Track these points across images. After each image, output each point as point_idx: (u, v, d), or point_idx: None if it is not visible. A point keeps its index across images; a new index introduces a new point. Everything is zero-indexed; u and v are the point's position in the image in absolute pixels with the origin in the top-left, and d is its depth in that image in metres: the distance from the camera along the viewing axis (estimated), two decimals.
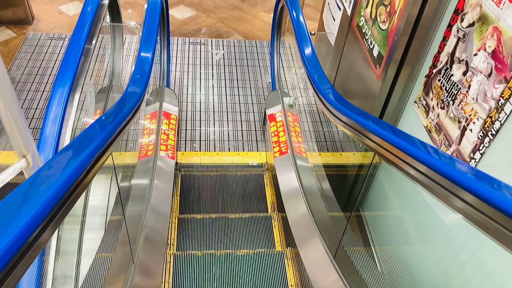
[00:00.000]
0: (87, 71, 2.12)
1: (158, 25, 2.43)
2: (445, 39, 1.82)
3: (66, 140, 1.83)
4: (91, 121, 2.57)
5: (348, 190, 2.75)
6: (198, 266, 2.21)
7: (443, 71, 1.83)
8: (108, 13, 3.02)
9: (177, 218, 2.59)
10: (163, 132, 2.83)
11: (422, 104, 2.01)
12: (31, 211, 0.80)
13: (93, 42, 2.28)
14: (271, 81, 3.64)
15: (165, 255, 2.10)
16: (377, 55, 2.15)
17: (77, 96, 1.99)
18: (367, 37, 2.29)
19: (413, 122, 2.12)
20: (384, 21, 2.07)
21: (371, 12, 2.24)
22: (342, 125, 1.85)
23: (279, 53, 3.45)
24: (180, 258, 2.24)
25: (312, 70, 2.14)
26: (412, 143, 1.40)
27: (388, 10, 2.03)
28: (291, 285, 2.18)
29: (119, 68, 3.22)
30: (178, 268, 2.19)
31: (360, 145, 2.06)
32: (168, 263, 2.20)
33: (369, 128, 1.59)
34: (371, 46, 2.23)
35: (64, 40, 4.05)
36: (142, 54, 2.07)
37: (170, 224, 2.47)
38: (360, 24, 2.40)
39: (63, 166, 0.99)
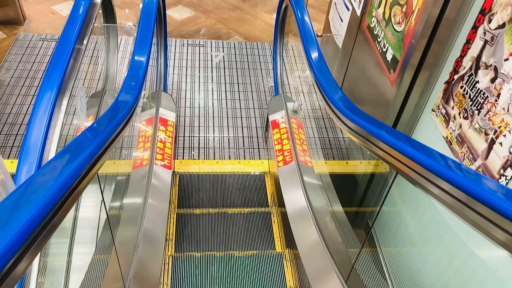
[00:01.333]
0: (76, 74, 1.96)
1: (154, 27, 2.27)
2: (469, 42, 1.65)
3: (52, 149, 1.66)
4: (82, 128, 2.39)
5: (356, 203, 2.58)
6: (195, 267, 2.15)
7: (466, 77, 1.66)
8: (102, 13, 2.87)
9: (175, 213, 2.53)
10: (159, 140, 2.66)
11: (441, 113, 1.84)
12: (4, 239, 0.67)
13: (84, 43, 2.12)
14: (273, 85, 3.47)
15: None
16: (391, 59, 1.99)
17: (65, 101, 1.82)
18: (379, 40, 2.13)
19: (431, 132, 1.95)
20: (399, 22, 1.91)
21: (384, 13, 2.07)
22: (355, 136, 1.69)
23: (282, 56, 3.29)
24: (178, 259, 2.17)
25: (321, 75, 1.97)
26: (436, 159, 1.26)
27: (404, 10, 1.86)
28: (290, 287, 2.14)
29: (114, 72, 3.05)
30: (176, 269, 2.12)
31: (368, 153, 1.91)
32: (167, 265, 2.14)
33: (388, 142, 1.44)
34: (384, 49, 2.06)
35: (57, 41, 3.88)
36: (136, 58, 1.91)
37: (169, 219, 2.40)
38: (372, 26, 2.23)
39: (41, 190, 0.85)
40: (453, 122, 1.76)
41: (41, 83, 1.74)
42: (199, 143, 3.10)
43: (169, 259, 2.20)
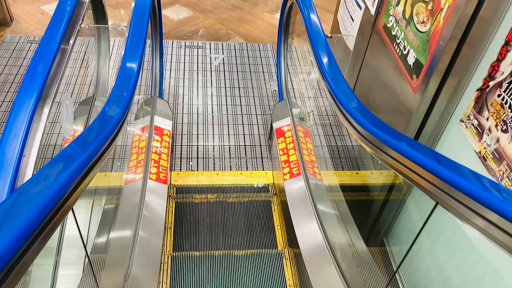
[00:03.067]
0: (60, 79, 1.75)
1: (148, 28, 2.05)
2: (508, 43, 1.43)
3: (30, 163, 1.44)
4: (69, 139, 2.18)
5: (370, 221, 2.36)
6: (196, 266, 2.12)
7: (505, 84, 1.44)
8: (92, 13, 2.65)
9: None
10: (154, 151, 2.44)
11: (473, 124, 1.62)
12: None
13: (70, 44, 1.92)
14: (277, 90, 3.25)
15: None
16: (413, 63, 1.77)
17: (46, 110, 1.60)
18: (398, 41, 1.91)
19: (458, 146, 1.73)
20: (423, 22, 1.69)
21: (404, 11, 1.85)
22: (373, 149, 1.49)
23: (287, 58, 3.07)
24: (177, 258, 2.13)
25: (332, 80, 1.75)
26: (471, 179, 1.08)
27: (430, 8, 1.64)
28: (290, 285, 2.11)
29: (105, 76, 2.83)
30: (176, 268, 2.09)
31: (379, 162, 1.74)
32: (166, 264, 2.10)
33: (415, 158, 1.25)
34: (405, 52, 1.84)
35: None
36: (125, 64, 1.69)
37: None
38: (389, 25, 2.01)
39: None
40: (488, 135, 1.54)
41: (18, 88, 1.53)
42: (197, 153, 2.87)
43: (168, 258, 2.16)
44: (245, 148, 2.95)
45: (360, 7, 2.34)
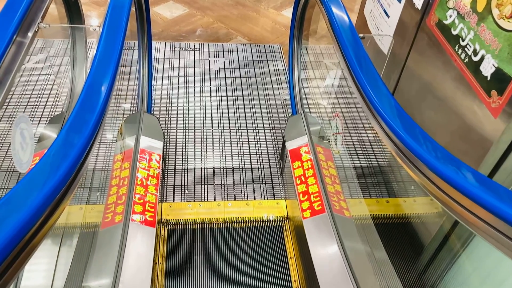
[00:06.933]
0: (6, 89, 1.33)
1: (126, 31, 1.57)
2: None
3: None
4: (23, 172, 1.70)
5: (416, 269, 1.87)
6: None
7: None
8: (65, 11, 2.17)
9: None
10: (139, 182, 1.95)
11: None
12: None
13: (22, 48, 1.48)
14: (288, 99, 2.76)
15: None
16: (492, 75, 1.27)
17: None
18: (463, 43, 1.41)
19: None
20: (511, 16, 1.19)
21: (474, 2, 1.36)
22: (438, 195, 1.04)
23: (301, 61, 2.58)
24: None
25: (379, 98, 1.27)
26: None
27: None
28: (291, 258, 2.03)
29: (81, 87, 2.34)
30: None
31: (412, 188, 1.27)
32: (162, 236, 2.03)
33: None
34: (475, 58, 1.34)
35: None
36: (91, 84, 1.20)
37: None
38: (447, 22, 1.51)
39: None
40: None
41: None
42: (194, 179, 2.38)
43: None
44: (251, 172, 2.45)
45: (399, 0, 1.84)
